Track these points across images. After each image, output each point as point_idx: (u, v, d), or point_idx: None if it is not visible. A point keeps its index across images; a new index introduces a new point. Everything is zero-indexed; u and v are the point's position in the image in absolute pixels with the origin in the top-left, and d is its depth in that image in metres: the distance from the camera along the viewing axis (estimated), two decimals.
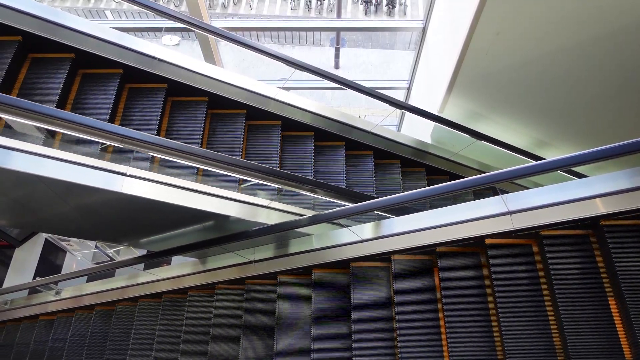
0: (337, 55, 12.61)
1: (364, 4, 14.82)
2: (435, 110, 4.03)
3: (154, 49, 3.25)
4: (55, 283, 4.66)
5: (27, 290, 5.05)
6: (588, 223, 2.52)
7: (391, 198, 2.49)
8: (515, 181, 3.05)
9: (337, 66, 12.77)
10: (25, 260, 6.76)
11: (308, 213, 3.21)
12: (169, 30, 4.33)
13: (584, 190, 2.44)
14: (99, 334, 4.17)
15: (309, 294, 3.18)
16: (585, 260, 2.50)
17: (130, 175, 2.53)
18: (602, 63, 3.24)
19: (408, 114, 5.55)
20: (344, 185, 3.97)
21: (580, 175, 3.93)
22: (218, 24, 4.22)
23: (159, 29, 4.26)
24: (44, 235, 6.81)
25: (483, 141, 3.93)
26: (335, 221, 3.04)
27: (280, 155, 3.78)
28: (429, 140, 4.50)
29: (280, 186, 2.90)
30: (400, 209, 3.01)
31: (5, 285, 6.43)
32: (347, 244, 3.09)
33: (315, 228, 3.22)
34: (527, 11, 2.90)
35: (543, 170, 2.07)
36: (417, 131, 4.80)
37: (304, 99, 3.89)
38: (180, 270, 3.86)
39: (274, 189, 3.16)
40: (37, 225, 4.31)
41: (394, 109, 3.82)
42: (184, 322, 3.59)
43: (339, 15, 12.47)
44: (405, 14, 14.63)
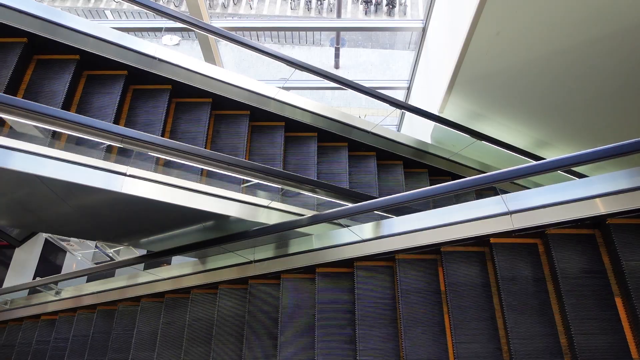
0: (337, 55, 12.62)
1: (364, 4, 14.83)
2: (435, 110, 4.03)
3: (158, 50, 3.25)
4: (55, 283, 4.66)
5: (27, 291, 5.05)
6: (588, 223, 2.52)
7: (391, 198, 2.49)
8: (516, 181, 3.05)
9: (337, 66, 12.78)
10: (25, 260, 6.77)
11: (309, 213, 3.21)
12: (169, 30, 4.33)
13: (584, 190, 2.45)
14: (101, 334, 4.17)
15: (312, 293, 3.17)
16: (591, 259, 2.49)
17: (130, 175, 2.53)
18: (603, 63, 3.24)
19: (408, 114, 5.55)
20: (347, 185, 3.97)
21: (580, 175, 3.93)
22: (218, 23, 4.22)
23: (159, 29, 4.26)
24: (44, 235, 6.81)
25: (483, 141, 3.93)
26: (337, 221, 3.04)
27: (283, 156, 3.78)
28: (429, 140, 4.50)
29: (280, 186, 2.91)
30: (401, 210, 3.01)
31: (5, 285, 6.44)
32: (351, 243, 3.09)
33: (318, 228, 3.22)
34: (527, 11, 2.90)
35: (543, 170, 2.07)
36: (417, 131, 4.80)
37: (303, 98, 3.89)
38: (183, 270, 3.87)
39: (274, 189, 3.16)
40: (37, 225, 4.30)
41: (394, 109, 3.82)
42: (187, 322, 3.59)
43: (339, 15, 12.47)
44: (405, 14, 14.65)
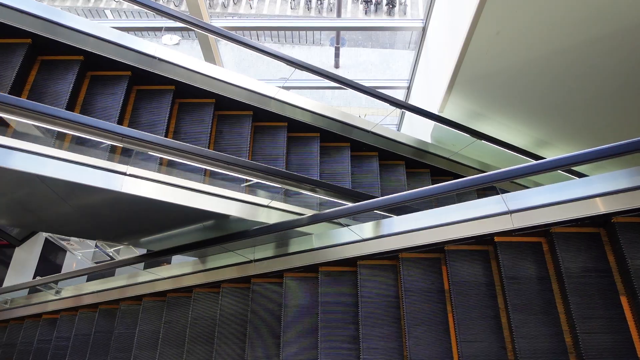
0: (337, 55, 12.61)
1: (364, 3, 14.82)
2: (435, 110, 4.03)
3: (158, 50, 3.25)
4: (56, 282, 4.66)
5: (28, 290, 5.05)
6: (592, 222, 2.51)
7: (389, 198, 2.49)
8: (516, 181, 3.05)
9: (337, 65, 12.77)
10: (25, 260, 6.77)
11: (310, 213, 3.21)
12: (169, 29, 4.33)
13: (585, 189, 2.45)
14: (103, 333, 4.17)
15: (315, 292, 3.17)
16: (596, 258, 2.48)
17: (130, 175, 2.53)
18: (603, 63, 3.24)
19: (408, 114, 5.55)
20: (349, 186, 3.97)
21: (580, 175, 3.93)
22: (218, 23, 4.21)
23: (159, 29, 4.26)
24: (44, 234, 6.81)
25: (483, 140, 3.93)
26: (337, 220, 3.04)
27: (286, 157, 3.78)
28: (429, 139, 4.50)
29: (281, 185, 2.91)
30: (403, 209, 3.01)
31: (5, 284, 6.44)
32: (354, 242, 3.08)
33: (320, 228, 3.23)
34: (527, 11, 2.90)
35: (543, 169, 2.07)
36: (417, 131, 4.80)
37: (303, 98, 3.89)
38: (185, 269, 3.87)
39: (275, 188, 3.16)
40: (37, 224, 4.30)
41: (394, 108, 3.82)
42: (189, 321, 3.59)
43: (339, 14, 12.48)
44: (405, 14, 14.64)
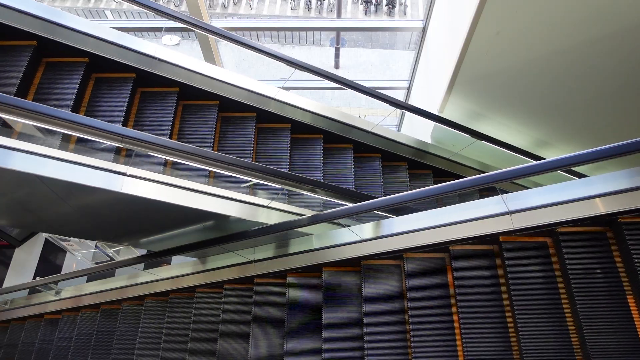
0: (337, 55, 12.62)
1: (364, 4, 14.83)
2: (435, 110, 4.03)
3: (158, 50, 3.25)
4: (56, 283, 4.66)
5: (28, 290, 5.05)
6: (588, 223, 2.51)
7: (390, 198, 2.49)
8: (516, 181, 3.04)
9: (337, 66, 12.78)
10: (25, 260, 6.77)
11: (311, 213, 3.21)
12: (169, 30, 4.33)
13: (585, 189, 2.45)
14: (105, 333, 4.16)
15: (319, 292, 3.17)
16: (602, 257, 2.47)
17: (130, 175, 2.53)
18: (603, 63, 3.24)
19: (408, 114, 5.55)
20: (352, 187, 3.97)
21: (580, 175, 3.94)
22: (218, 23, 4.22)
23: (159, 29, 4.26)
24: (44, 235, 6.81)
25: (483, 141, 3.93)
26: (337, 221, 3.04)
27: (289, 158, 3.78)
28: (429, 140, 4.50)
29: (282, 186, 2.91)
30: (405, 210, 3.01)
31: (5, 285, 6.44)
32: (357, 242, 3.08)
33: (323, 228, 3.22)
34: (527, 11, 2.90)
35: (543, 170, 2.07)
36: (417, 131, 4.80)
37: (303, 98, 3.89)
38: (186, 269, 3.87)
39: (276, 189, 3.16)
40: (37, 225, 4.30)
41: (394, 109, 3.82)
42: (192, 320, 3.59)
43: (339, 15, 12.48)
44: (405, 14, 14.65)
